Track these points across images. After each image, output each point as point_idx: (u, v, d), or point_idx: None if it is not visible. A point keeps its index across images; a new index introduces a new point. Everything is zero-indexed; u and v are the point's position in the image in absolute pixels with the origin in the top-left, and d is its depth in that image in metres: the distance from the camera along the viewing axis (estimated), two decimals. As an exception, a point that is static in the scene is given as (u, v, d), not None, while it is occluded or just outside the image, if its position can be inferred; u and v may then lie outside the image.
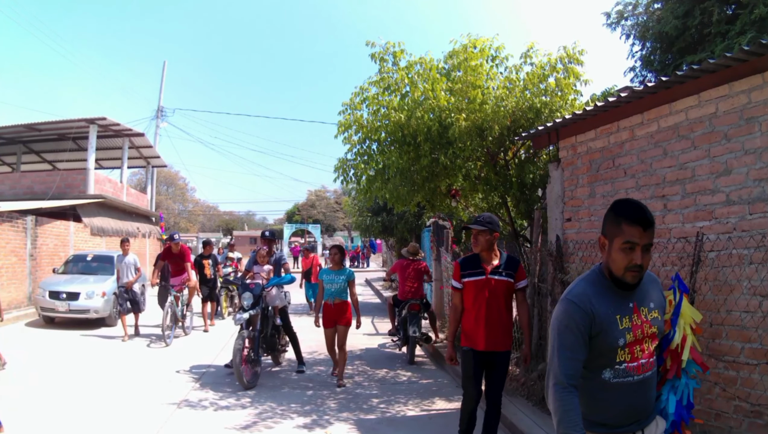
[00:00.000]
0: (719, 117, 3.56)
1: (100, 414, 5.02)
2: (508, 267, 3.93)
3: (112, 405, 5.27)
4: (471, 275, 3.91)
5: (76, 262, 11.31)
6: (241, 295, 6.41)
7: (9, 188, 17.09)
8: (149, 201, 23.36)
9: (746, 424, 3.27)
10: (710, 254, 3.53)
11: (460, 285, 3.99)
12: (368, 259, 37.19)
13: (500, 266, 3.91)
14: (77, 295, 9.84)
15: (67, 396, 5.57)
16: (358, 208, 18.04)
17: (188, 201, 59.19)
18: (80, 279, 10.41)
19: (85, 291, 9.90)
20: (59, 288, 9.98)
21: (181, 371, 6.82)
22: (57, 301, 9.83)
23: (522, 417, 4.63)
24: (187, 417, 5.06)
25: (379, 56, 6.66)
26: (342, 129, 6.85)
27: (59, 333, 9.41)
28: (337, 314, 6.17)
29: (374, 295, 17.47)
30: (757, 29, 6.84)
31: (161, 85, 26.73)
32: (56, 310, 9.92)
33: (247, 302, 6.26)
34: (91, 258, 11.26)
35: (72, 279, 10.39)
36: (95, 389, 5.86)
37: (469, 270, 3.93)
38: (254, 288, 6.38)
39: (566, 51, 6.33)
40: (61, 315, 10.00)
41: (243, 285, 6.54)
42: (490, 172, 6.72)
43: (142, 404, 5.35)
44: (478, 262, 3.93)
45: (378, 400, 5.68)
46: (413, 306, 7.56)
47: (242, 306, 6.30)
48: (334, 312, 6.17)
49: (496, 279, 3.88)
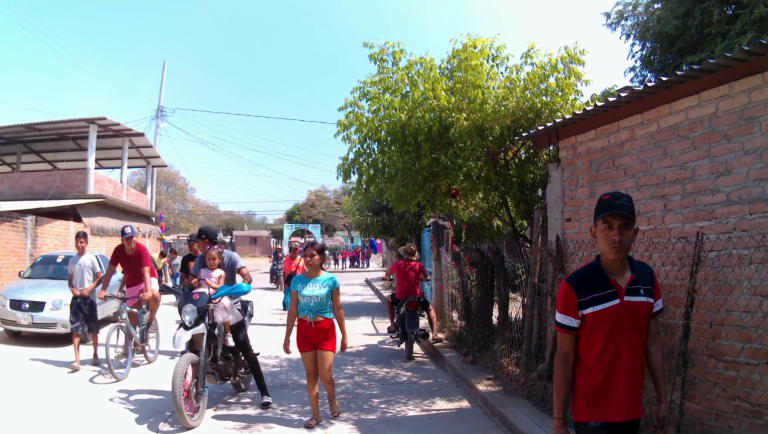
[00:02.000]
0: (719, 117, 3.56)
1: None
2: (644, 278, 2.36)
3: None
4: (596, 302, 2.30)
5: (46, 265, 9.60)
6: (181, 308, 5.03)
7: (9, 188, 17.09)
8: (149, 201, 23.36)
9: (746, 424, 3.27)
10: (710, 254, 3.53)
11: (575, 323, 2.35)
12: (368, 259, 37.20)
13: (637, 280, 2.33)
14: (42, 305, 8.14)
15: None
16: (358, 208, 18.03)
17: (188, 201, 59.21)
18: (47, 285, 8.66)
19: (52, 301, 8.17)
20: (22, 297, 8.27)
21: (131, 407, 5.26)
22: (19, 312, 8.15)
23: (522, 417, 4.63)
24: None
25: (378, 57, 6.65)
26: (342, 128, 6.85)
27: (8, 353, 7.72)
28: (318, 335, 4.73)
29: (374, 295, 17.49)
30: (757, 29, 6.83)
31: (161, 85, 26.78)
32: (18, 323, 8.20)
33: (189, 317, 4.91)
34: (62, 260, 9.31)
35: (38, 285, 8.69)
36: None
37: (592, 294, 2.31)
38: (198, 300, 5.02)
39: (567, 51, 6.34)
40: (24, 328, 8.31)
41: (185, 296, 5.15)
42: (490, 172, 6.72)
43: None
44: (603, 277, 2.32)
45: (378, 400, 5.69)
46: (411, 304, 7.87)
47: (183, 322, 4.94)
48: (314, 333, 4.72)
49: (634, 301, 2.31)
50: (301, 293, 4.73)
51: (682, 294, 3.67)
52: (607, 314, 2.29)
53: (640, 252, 4.11)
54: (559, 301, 2.40)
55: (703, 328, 3.56)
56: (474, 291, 7.93)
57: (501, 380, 5.71)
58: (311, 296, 4.68)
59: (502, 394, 5.32)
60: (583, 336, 2.36)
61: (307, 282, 4.78)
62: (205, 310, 5.03)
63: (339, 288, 4.85)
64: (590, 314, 2.31)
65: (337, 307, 4.83)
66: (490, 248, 7.79)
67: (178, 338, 4.85)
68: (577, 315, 2.34)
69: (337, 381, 6.38)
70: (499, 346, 6.35)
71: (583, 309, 2.32)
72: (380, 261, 34.55)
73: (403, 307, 7.89)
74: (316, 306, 4.69)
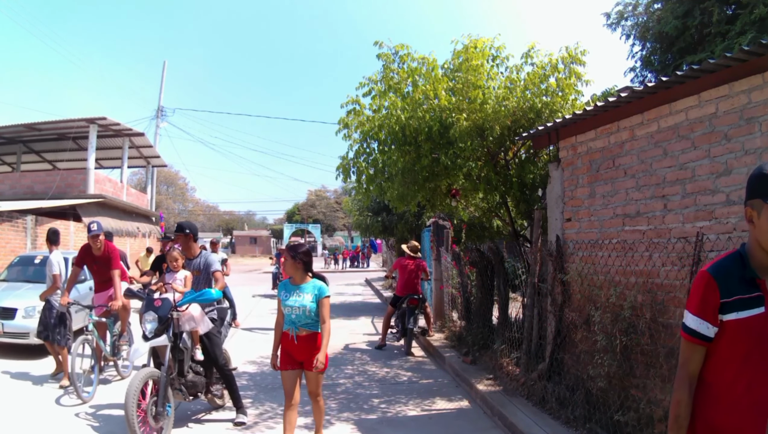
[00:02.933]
0: (719, 117, 3.57)
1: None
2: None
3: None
4: (742, 306, 1.72)
5: (24, 267, 8.67)
6: (142, 316, 4.46)
7: (9, 188, 17.09)
8: (149, 201, 23.36)
9: (746, 424, 3.27)
10: (710, 254, 3.52)
11: (712, 332, 1.77)
12: (368, 259, 37.21)
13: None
14: (13, 313, 7.24)
15: None
16: (358, 208, 18.03)
17: (188, 201, 59.26)
18: (21, 289, 7.78)
19: (24, 307, 7.27)
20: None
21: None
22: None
23: (522, 416, 4.63)
24: (187, 417, 5.07)
25: (386, 56, 6.70)
26: (343, 125, 6.87)
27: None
28: (302, 352, 4.01)
29: (374, 295, 17.49)
30: (757, 29, 6.84)
31: (161, 84, 26.74)
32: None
33: (149, 326, 4.36)
34: (40, 262, 8.36)
35: (11, 289, 7.85)
36: None
37: (738, 294, 1.73)
38: (160, 307, 4.41)
39: (568, 51, 6.35)
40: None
41: (147, 302, 4.50)
42: (490, 172, 6.73)
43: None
44: (749, 275, 1.75)
45: (378, 400, 5.69)
46: (412, 301, 8.15)
47: (143, 332, 4.42)
48: (297, 349, 4.01)
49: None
50: (284, 303, 4.05)
51: (682, 294, 3.67)
52: (749, 325, 1.71)
53: (640, 253, 4.11)
54: (695, 299, 1.78)
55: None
56: (474, 291, 7.94)
57: (501, 380, 5.72)
58: (294, 307, 3.99)
59: (502, 394, 5.33)
60: (718, 350, 1.76)
61: (291, 291, 4.07)
62: (168, 319, 4.42)
63: (328, 298, 4.07)
64: (733, 322, 1.72)
65: (324, 319, 4.02)
66: (490, 248, 7.79)
67: (134, 351, 4.31)
68: (716, 321, 1.74)
69: (336, 381, 6.40)
70: (499, 346, 6.35)
71: (725, 314, 1.73)
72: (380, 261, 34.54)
73: (405, 304, 8.16)
74: (299, 319, 3.99)
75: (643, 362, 3.97)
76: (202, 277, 4.98)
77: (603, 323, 4.13)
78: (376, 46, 6.72)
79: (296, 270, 4.06)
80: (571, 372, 4.81)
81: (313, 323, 4.00)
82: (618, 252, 4.32)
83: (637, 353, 3.99)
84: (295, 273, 4.07)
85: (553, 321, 5.06)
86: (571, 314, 4.80)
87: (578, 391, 4.50)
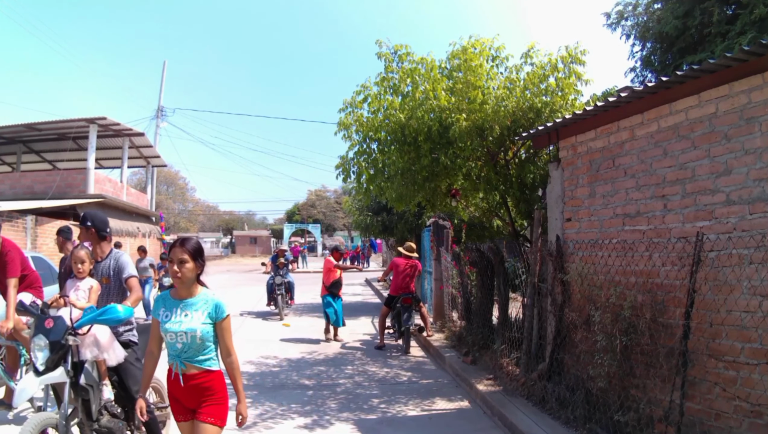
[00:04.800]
0: (719, 117, 3.57)
1: None
2: None
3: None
4: None
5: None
6: (31, 341, 3.28)
7: (9, 188, 17.10)
8: (149, 201, 23.37)
9: (746, 424, 3.28)
10: (710, 254, 3.53)
11: None
12: (368, 259, 37.20)
13: None
14: None
15: None
16: (358, 208, 18.02)
17: (188, 201, 59.21)
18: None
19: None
20: None
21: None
22: None
23: (522, 417, 4.63)
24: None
25: (386, 56, 6.71)
26: (342, 127, 6.87)
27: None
28: (191, 397, 2.79)
29: (374, 295, 17.50)
30: (757, 29, 6.83)
31: (161, 84, 26.75)
32: None
33: (41, 355, 3.20)
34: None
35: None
36: None
37: None
38: (52, 328, 3.22)
39: (568, 51, 6.34)
40: None
41: (38, 322, 3.30)
42: (490, 172, 6.73)
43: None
44: None
45: (378, 400, 5.68)
46: (406, 299, 8.21)
47: (33, 363, 3.22)
48: (185, 394, 2.79)
49: None
50: (163, 327, 2.75)
51: (682, 294, 3.67)
52: None
53: (640, 253, 4.11)
54: None
55: (703, 328, 3.57)
56: (474, 291, 7.94)
57: (501, 380, 5.72)
58: (177, 332, 2.70)
59: (502, 394, 5.33)
60: None
61: (173, 308, 2.77)
62: (64, 346, 3.21)
63: (228, 319, 2.82)
64: None
65: (228, 351, 2.82)
66: (490, 248, 7.79)
67: (20, 391, 3.10)
68: None
69: (337, 381, 6.41)
70: (499, 346, 6.35)
71: None
72: (380, 261, 34.53)
73: (399, 303, 8.22)
74: (186, 349, 2.72)
75: (643, 362, 3.97)
76: (113, 287, 3.70)
77: (603, 323, 4.13)
78: (376, 45, 6.75)
79: (186, 276, 2.74)
80: (571, 372, 4.81)
81: (207, 356, 2.77)
82: (618, 252, 4.32)
83: (637, 353, 3.99)
84: (184, 282, 2.75)
85: (553, 321, 5.06)
86: (571, 314, 4.80)
87: (578, 391, 4.50)
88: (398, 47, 6.68)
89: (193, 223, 58.54)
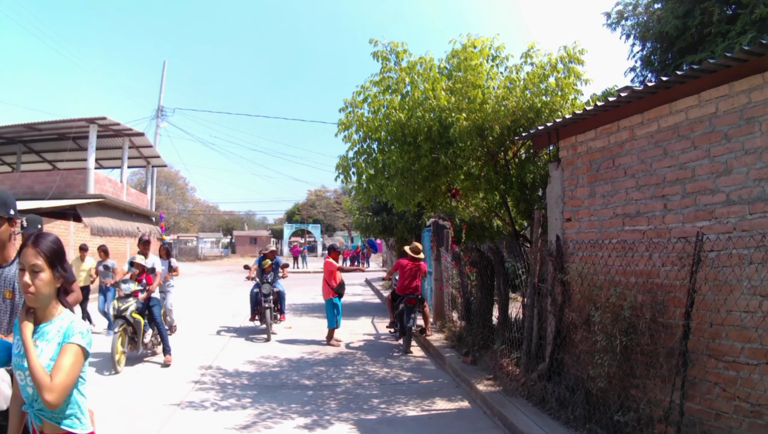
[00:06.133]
0: (719, 117, 3.56)
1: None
2: None
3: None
4: None
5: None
6: None
7: (9, 188, 17.08)
8: (149, 201, 23.38)
9: (746, 424, 3.27)
10: (710, 254, 3.52)
11: None
12: (368, 259, 37.17)
13: None
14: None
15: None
16: (358, 208, 18.02)
17: (188, 201, 59.22)
18: None
19: None
20: None
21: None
22: None
23: (522, 417, 4.63)
24: (188, 417, 5.07)
25: (382, 55, 6.68)
26: (342, 127, 6.86)
27: None
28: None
29: (374, 295, 17.48)
30: (757, 29, 6.83)
31: (161, 84, 26.76)
32: None
33: None
34: None
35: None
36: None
37: None
38: None
39: (567, 51, 6.34)
40: None
41: None
42: (490, 172, 6.73)
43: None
44: None
45: (378, 400, 5.68)
46: (410, 300, 8.24)
47: None
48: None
49: None
50: (15, 364, 1.99)
51: (682, 294, 3.67)
52: None
53: (640, 253, 4.11)
54: None
55: (703, 328, 3.56)
56: (474, 291, 7.94)
57: (501, 380, 5.71)
58: (26, 370, 1.89)
59: (502, 394, 5.32)
60: None
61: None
62: None
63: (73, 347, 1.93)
64: None
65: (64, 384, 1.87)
66: (490, 248, 7.79)
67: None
68: None
69: (337, 381, 6.41)
70: (499, 346, 6.35)
71: None
72: (380, 261, 34.52)
73: (403, 303, 8.25)
74: (37, 397, 1.90)
75: (643, 362, 3.96)
76: (19, 303, 2.52)
77: (603, 323, 4.13)
78: (371, 44, 6.69)
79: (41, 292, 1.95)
80: (571, 373, 4.81)
81: (64, 414, 1.96)
82: (618, 252, 4.32)
83: (637, 353, 3.99)
84: (38, 300, 1.96)
85: (553, 321, 5.05)
86: (571, 314, 4.80)
87: (578, 391, 4.50)
88: (395, 45, 6.66)
89: (193, 223, 58.54)
